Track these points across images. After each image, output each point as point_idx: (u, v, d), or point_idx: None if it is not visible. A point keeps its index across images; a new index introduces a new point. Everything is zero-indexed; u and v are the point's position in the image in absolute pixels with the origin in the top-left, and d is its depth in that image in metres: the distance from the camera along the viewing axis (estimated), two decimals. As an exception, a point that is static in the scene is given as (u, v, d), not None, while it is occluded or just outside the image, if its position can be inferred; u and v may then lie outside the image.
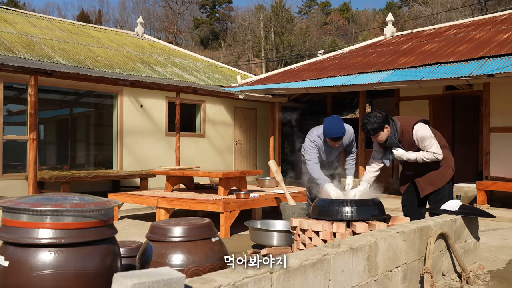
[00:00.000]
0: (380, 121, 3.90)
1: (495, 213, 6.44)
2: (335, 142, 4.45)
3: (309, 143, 4.55)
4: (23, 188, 8.81)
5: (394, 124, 4.01)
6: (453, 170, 4.14)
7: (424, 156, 3.96)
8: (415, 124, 3.97)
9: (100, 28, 15.09)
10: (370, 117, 3.93)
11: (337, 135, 4.36)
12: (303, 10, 50.03)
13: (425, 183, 4.11)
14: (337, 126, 4.35)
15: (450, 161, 4.14)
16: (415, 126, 3.96)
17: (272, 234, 4.70)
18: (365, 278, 2.53)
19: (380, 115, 3.92)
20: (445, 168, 4.08)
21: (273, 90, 11.31)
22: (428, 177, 4.10)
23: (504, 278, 3.69)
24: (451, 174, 4.12)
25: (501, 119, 8.76)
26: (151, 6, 51.33)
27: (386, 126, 3.93)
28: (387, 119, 3.96)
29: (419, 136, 3.94)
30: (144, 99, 10.96)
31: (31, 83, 7.66)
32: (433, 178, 4.08)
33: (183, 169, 7.14)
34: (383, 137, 3.97)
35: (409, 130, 3.97)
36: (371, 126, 3.90)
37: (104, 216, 2.12)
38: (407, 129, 3.99)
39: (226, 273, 1.78)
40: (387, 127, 3.95)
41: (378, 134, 3.95)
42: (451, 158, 4.16)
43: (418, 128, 3.95)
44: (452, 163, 4.15)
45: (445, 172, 4.08)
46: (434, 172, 4.07)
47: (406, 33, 13.43)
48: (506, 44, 8.81)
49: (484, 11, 25.95)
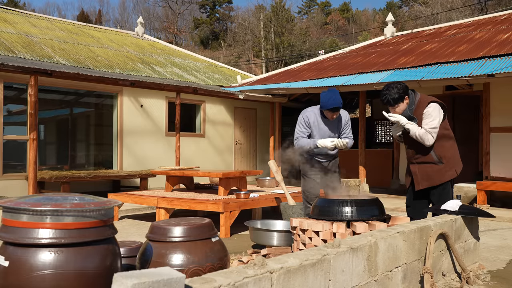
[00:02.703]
0: (401, 92, 3.92)
1: (495, 213, 6.44)
2: (333, 113, 4.44)
3: (300, 119, 4.60)
4: (23, 188, 8.81)
5: (414, 95, 4.01)
6: (457, 173, 4.00)
7: (417, 133, 3.87)
8: (433, 102, 3.95)
9: (100, 28, 15.09)
10: (391, 87, 3.94)
11: (335, 105, 4.35)
12: (303, 10, 50.08)
13: (422, 177, 4.03)
14: (335, 97, 4.37)
15: (455, 163, 4.01)
16: (432, 103, 3.94)
17: (272, 234, 4.70)
18: (365, 278, 2.53)
19: (400, 85, 3.96)
20: (447, 167, 3.96)
21: (273, 90, 11.31)
22: (426, 171, 4.01)
23: (504, 278, 3.69)
24: (452, 175, 3.99)
25: (501, 119, 8.76)
26: (151, 6, 51.39)
27: (406, 98, 3.96)
28: (407, 90, 3.98)
29: (427, 111, 3.90)
30: (144, 99, 10.96)
31: (31, 83, 7.66)
32: (430, 174, 3.99)
33: (183, 169, 7.14)
34: (401, 109, 3.98)
35: (424, 105, 3.95)
36: (392, 96, 3.92)
37: (104, 216, 2.12)
38: (423, 103, 3.97)
39: (226, 273, 1.78)
40: (407, 99, 3.97)
41: (398, 105, 3.96)
42: (457, 161, 4.03)
43: (433, 105, 3.93)
44: (457, 166, 4.01)
45: (445, 171, 3.96)
46: (433, 168, 3.97)
47: (406, 33, 13.44)
48: (506, 44, 8.82)
49: (484, 11, 25.95)
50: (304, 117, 4.59)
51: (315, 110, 4.61)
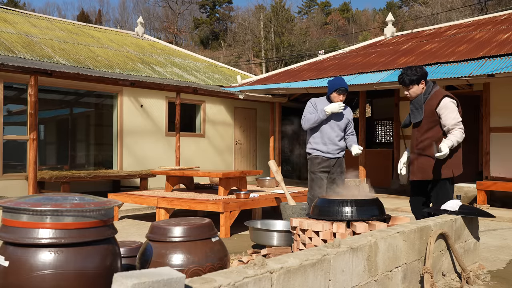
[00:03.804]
0: (419, 75, 3.99)
1: (495, 213, 6.44)
2: (339, 95, 4.68)
3: (308, 105, 4.85)
4: (23, 188, 8.81)
5: (432, 86, 4.04)
6: (453, 174, 3.95)
7: (453, 140, 3.79)
8: (449, 97, 3.95)
9: (100, 28, 15.08)
10: (410, 69, 4.03)
11: (342, 85, 4.64)
12: (303, 10, 50.09)
13: (418, 168, 4.03)
14: (341, 80, 4.70)
15: (455, 164, 3.96)
16: (447, 97, 3.95)
17: (272, 234, 4.70)
18: (365, 278, 2.53)
19: (420, 69, 4.02)
20: (444, 165, 3.91)
21: (273, 90, 11.31)
22: (422, 163, 4.00)
23: (504, 278, 3.69)
24: (448, 175, 3.94)
25: (501, 119, 8.76)
26: (151, 6, 51.40)
27: (422, 82, 4.01)
28: (425, 76, 4.03)
29: (443, 104, 3.89)
30: (144, 99, 10.96)
31: (31, 83, 7.66)
32: (425, 167, 3.97)
33: (183, 169, 7.14)
34: (415, 92, 4.02)
35: (439, 97, 3.95)
36: (409, 77, 3.99)
37: (104, 216, 2.12)
38: (438, 96, 3.97)
39: (226, 273, 1.78)
40: (423, 83, 4.01)
41: (413, 86, 4.01)
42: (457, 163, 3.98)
43: (448, 100, 3.94)
44: (455, 168, 3.96)
45: (441, 168, 3.92)
46: (430, 162, 3.95)
47: (406, 33, 13.44)
48: (506, 44, 8.81)
49: (484, 11, 25.95)
50: (312, 103, 4.83)
51: (323, 99, 4.85)
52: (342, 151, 4.89)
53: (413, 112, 4.08)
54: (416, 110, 4.04)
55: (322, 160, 4.78)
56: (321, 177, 4.77)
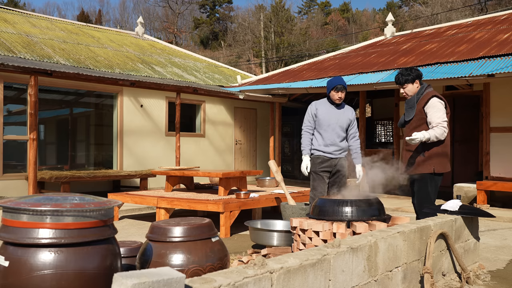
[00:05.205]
0: (413, 74, 4.24)
1: (495, 213, 6.45)
2: (338, 92, 4.75)
3: (309, 110, 4.93)
4: (23, 188, 8.82)
5: (425, 88, 4.26)
6: (434, 170, 4.09)
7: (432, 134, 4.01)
8: (437, 97, 4.15)
9: (100, 28, 15.08)
10: (407, 69, 4.29)
11: (339, 82, 4.73)
12: (303, 10, 50.07)
13: (406, 164, 4.27)
14: (339, 78, 4.82)
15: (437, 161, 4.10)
16: (435, 97, 4.15)
17: (272, 234, 4.70)
18: (365, 278, 2.53)
19: (415, 70, 4.28)
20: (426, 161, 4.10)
21: (273, 90, 11.31)
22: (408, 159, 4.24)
23: (504, 278, 3.69)
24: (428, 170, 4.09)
25: (501, 119, 8.76)
26: (151, 6, 51.42)
27: (416, 81, 4.25)
28: (420, 77, 4.27)
29: (431, 103, 4.10)
30: (144, 99, 10.96)
31: (31, 83, 7.66)
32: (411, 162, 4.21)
33: (183, 169, 7.14)
34: (411, 90, 4.27)
35: (428, 97, 4.17)
36: (404, 76, 4.25)
37: (104, 216, 2.12)
38: (427, 96, 4.19)
39: (226, 273, 1.78)
40: (417, 83, 4.25)
41: (407, 85, 4.26)
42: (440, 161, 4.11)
43: (436, 100, 4.14)
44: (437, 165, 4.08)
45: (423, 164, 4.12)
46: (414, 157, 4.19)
47: (406, 33, 13.43)
48: (506, 44, 8.81)
49: (484, 11, 25.95)
50: (313, 108, 4.88)
51: (324, 101, 4.91)
52: (344, 151, 4.92)
53: (407, 111, 4.32)
54: (410, 109, 4.28)
55: (323, 160, 4.83)
56: (322, 177, 4.81)
